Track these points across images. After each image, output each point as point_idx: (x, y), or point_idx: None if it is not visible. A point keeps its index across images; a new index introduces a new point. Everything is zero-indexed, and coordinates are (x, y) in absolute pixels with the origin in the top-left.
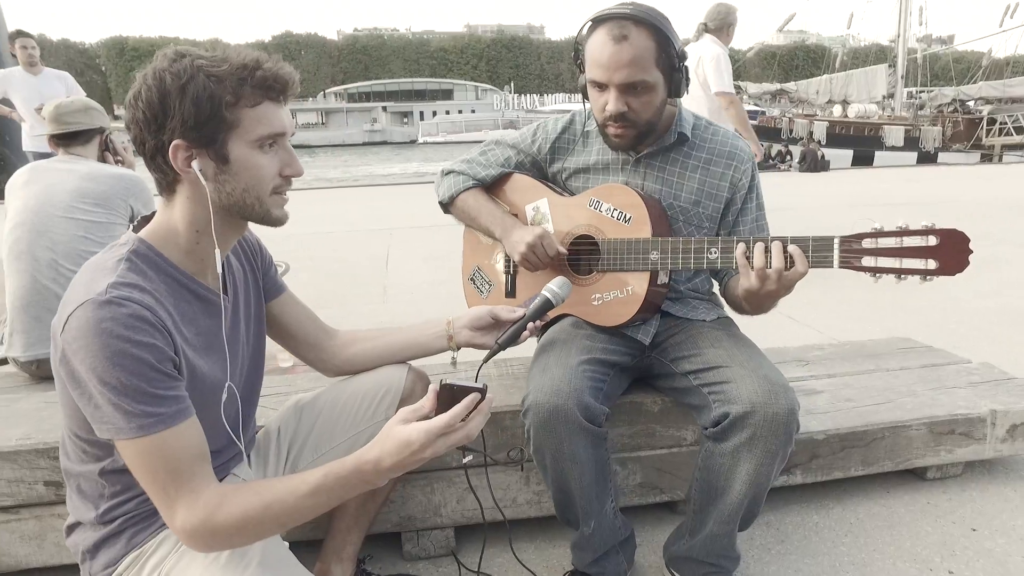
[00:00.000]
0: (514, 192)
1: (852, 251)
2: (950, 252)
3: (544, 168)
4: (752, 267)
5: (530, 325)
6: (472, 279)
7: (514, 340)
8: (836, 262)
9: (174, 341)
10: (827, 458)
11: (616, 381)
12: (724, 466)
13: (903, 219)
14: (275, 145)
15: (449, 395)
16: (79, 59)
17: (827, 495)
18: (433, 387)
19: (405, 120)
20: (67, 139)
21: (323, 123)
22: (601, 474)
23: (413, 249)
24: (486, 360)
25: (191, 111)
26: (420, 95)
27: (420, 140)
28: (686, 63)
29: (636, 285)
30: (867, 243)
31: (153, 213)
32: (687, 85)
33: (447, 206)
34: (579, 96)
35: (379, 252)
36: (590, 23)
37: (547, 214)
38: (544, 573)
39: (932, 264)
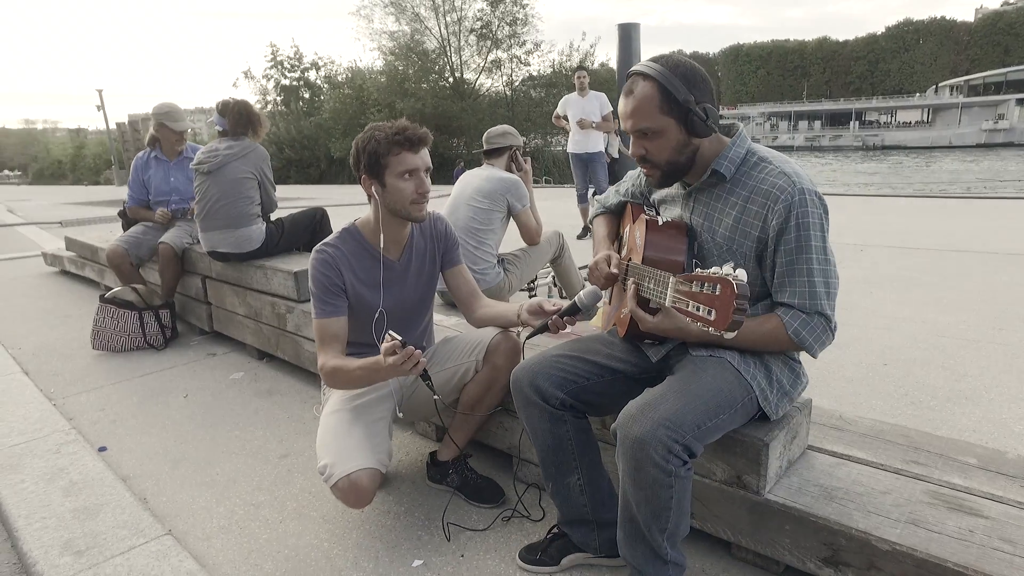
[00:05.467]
0: (624, 218)
1: (680, 292)
2: (723, 304)
3: (648, 198)
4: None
5: (555, 319)
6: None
7: (542, 330)
8: (668, 299)
9: (343, 276)
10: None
11: (610, 384)
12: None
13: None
14: (412, 176)
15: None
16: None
17: None
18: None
19: None
20: (488, 153)
21: (927, 121)
22: (560, 450)
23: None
24: (525, 340)
25: (366, 159)
26: None
27: None
28: (706, 105)
29: (629, 306)
30: (695, 286)
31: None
32: (711, 123)
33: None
34: None
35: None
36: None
37: (626, 239)
38: None
39: (712, 315)
